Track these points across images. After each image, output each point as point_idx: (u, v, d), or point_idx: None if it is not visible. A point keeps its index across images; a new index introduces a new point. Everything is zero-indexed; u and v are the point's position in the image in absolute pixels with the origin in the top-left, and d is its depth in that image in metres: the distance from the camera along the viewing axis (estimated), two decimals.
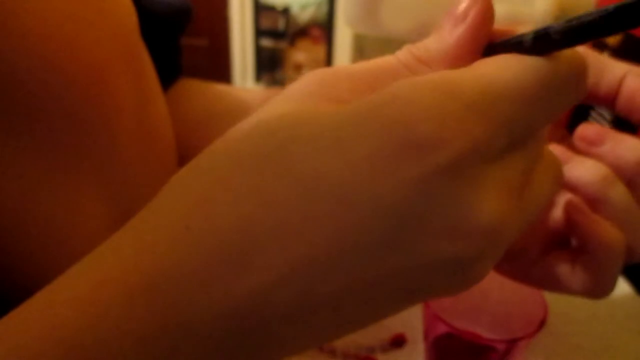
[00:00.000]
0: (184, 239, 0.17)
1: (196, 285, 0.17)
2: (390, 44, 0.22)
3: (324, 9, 2.26)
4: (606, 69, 0.28)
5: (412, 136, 0.16)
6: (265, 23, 2.31)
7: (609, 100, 0.28)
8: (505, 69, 0.18)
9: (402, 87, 0.17)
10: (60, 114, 0.26)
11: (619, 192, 0.25)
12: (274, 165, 0.17)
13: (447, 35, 0.20)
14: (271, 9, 2.29)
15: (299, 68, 2.32)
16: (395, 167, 0.16)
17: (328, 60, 2.19)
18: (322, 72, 0.20)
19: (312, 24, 2.34)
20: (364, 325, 0.20)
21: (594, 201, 0.26)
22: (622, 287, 0.52)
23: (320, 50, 2.27)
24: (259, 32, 2.32)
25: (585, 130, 0.27)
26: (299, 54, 2.35)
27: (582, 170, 0.26)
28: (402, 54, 0.21)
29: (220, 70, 2.33)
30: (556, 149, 0.27)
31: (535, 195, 0.20)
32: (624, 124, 0.29)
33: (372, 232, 0.17)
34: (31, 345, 0.17)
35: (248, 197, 0.17)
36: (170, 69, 0.48)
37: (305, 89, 0.20)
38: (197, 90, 0.50)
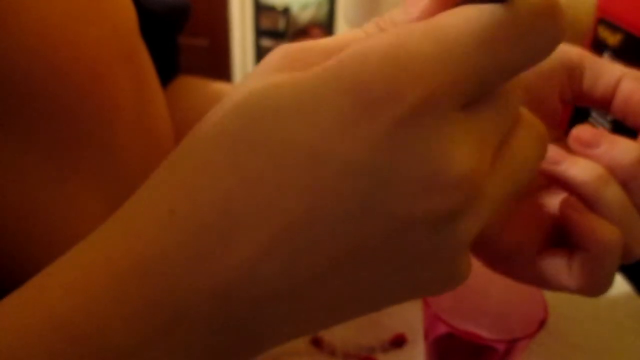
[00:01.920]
0: (169, 223, 0.17)
1: (183, 268, 0.17)
2: None
3: (324, 9, 2.26)
4: (602, 71, 0.28)
5: (368, 95, 0.17)
6: (265, 23, 2.31)
7: (605, 103, 0.28)
8: (459, 17, 0.18)
9: (356, 49, 0.18)
10: (60, 113, 0.26)
11: (613, 192, 0.25)
12: (246, 141, 0.18)
13: (412, 6, 0.20)
14: (271, 9, 2.29)
15: None
16: (357, 127, 0.17)
17: None
18: (290, 47, 0.21)
19: (312, 24, 2.34)
20: (357, 312, 0.20)
21: (590, 201, 0.26)
22: (622, 287, 0.52)
23: None
24: (259, 32, 2.32)
25: (580, 132, 0.27)
26: None
27: (577, 169, 0.26)
28: (369, 27, 0.21)
29: (220, 70, 2.33)
30: (551, 150, 0.27)
31: (518, 158, 0.20)
32: (624, 127, 0.29)
33: (345, 193, 0.17)
34: (26, 325, 0.17)
35: (225, 176, 0.17)
36: (168, 68, 0.47)
37: (274, 64, 0.20)
38: (195, 88, 0.50)
